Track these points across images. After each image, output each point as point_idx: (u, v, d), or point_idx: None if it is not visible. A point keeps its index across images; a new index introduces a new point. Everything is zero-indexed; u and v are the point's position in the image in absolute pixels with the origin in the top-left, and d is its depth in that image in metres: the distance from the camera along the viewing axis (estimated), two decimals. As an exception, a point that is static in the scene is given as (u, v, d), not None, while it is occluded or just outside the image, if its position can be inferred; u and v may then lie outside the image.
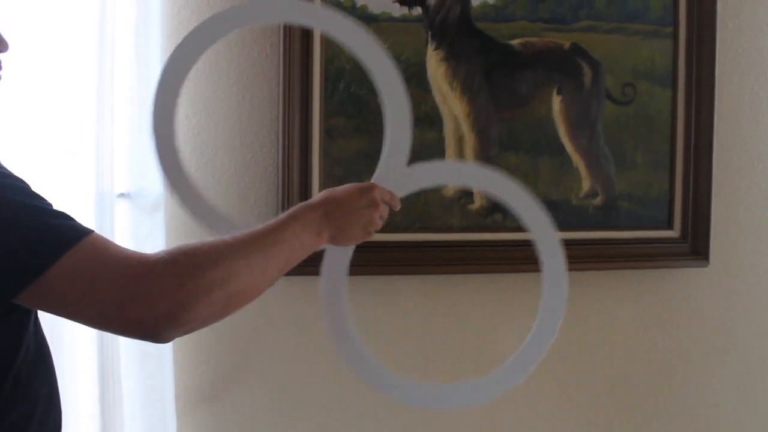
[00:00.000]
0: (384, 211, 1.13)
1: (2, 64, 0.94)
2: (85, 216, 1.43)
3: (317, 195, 1.09)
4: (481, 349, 1.75)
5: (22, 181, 0.88)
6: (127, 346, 1.49)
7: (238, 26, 1.29)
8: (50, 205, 0.88)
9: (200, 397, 1.63)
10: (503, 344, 1.76)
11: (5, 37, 0.94)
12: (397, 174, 1.15)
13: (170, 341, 0.89)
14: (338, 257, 1.15)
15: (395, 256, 1.61)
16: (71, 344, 1.44)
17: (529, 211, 1.21)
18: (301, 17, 1.24)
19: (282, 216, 1.02)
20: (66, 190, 1.43)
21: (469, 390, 1.24)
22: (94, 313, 0.86)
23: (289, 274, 1.02)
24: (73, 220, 0.88)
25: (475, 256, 1.65)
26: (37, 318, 0.96)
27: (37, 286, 0.83)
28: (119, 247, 0.89)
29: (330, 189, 1.10)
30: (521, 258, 1.68)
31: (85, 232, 0.86)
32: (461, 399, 1.26)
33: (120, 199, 1.50)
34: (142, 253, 0.89)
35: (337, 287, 1.17)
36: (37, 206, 0.86)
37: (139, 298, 0.84)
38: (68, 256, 0.83)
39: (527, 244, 1.68)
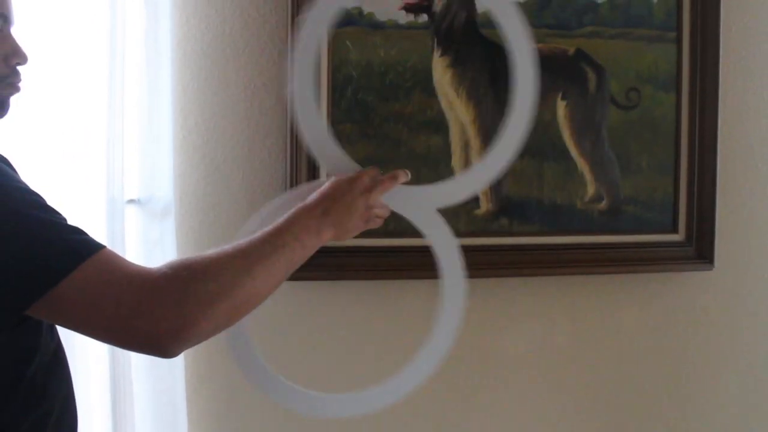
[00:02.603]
0: (381, 191, 1.11)
1: (21, 76, 0.96)
2: (95, 222, 1.45)
3: (311, 196, 1.08)
4: (488, 352, 1.76)
5: (38, 195, 0.89)
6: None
7: None
8: (64, 219, 0.89)
9: (210, 402, 1.64)
10: (510, 347, 1.79)
11: (25, 50, 0.96)
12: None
13: (177, 355, 0.90)
14: None
15: (402, 261, 1.62)
16: (83, 350, 1.45)
17: None
18: None
19: (281, 220, 1.02)
20: (77, 196, 1.45)
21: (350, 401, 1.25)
22: (101, 327, 0.88)
23: (298, 279, 1.03)
24: (85, 234, 0.89)
25: (482, 261, 1.65)
26: (53, 323, 0.97)
27: (48, 298, 0.84)
28: (128, 262, 0.90)
29: (321, 188, 1.09)
30: (527, 262, 1.71)
31: (97, 247, 0.87)
32: (340, 409, 1.26)
33: (130, 205, 1.52)
34: (147, 269, 0.89)
35: None
36: (51, 220, 0.87)
37: (144, 315, 0.85)
38: (79, 271, 0.84)
39: (532, 248, 1.72)
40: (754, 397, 1.91)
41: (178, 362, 1.54)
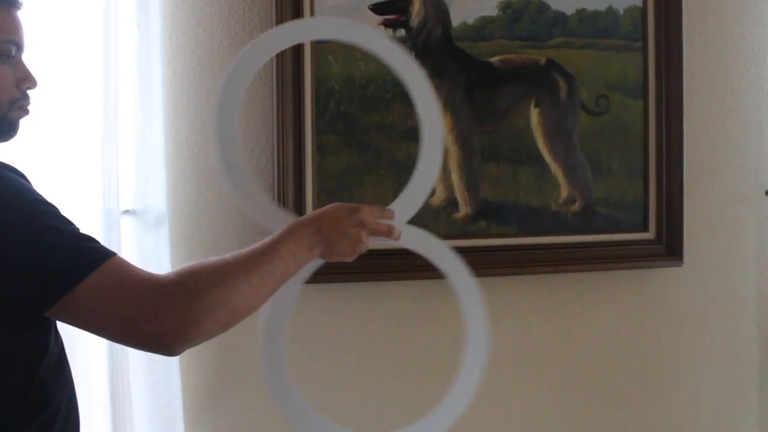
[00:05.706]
0: (374, 233, 1.17)
1: (30, 100, 1.03)
2: (92, 232, 1.48)
3: (309, 213, 1.15)
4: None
5: (54, 206, 0.97)
6: (135, 354, 1.55)
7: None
8: (78, 229, 0.97)
9: (207, 401, 1.69)
10: (490, 344, 1.85)
11: (34, 75, 1.03)
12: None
13: (180, 354, 0.98)
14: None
15: (386, 263, 1.66)
16: (82, 352, 1.50)
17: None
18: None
19: (277, 233, 1.09)
20: (74, 208, 1.49)
21: None
22: (113, 328, 0.95)
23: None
24: (97, 242, 0.97)
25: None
26: (56, 327, 1.04)
27: (66, 301, 0.91)
28: (137, 268, 0.97)
29: (321, 208, 1.16)
30: (505, 262, 1.77)
31: (109, 254, 0.95)
32: None
33: (125, 216, 1.57)
34: (156, 275, 0.97)
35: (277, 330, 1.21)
36: (67, 230, 0.95)
37: (153, 317, 0.93)
38: (94, 276, 0.92)
39: (510, 249, 1.79)
40: (725, 386, 1.98)
41: (175, 364, 1.59)
